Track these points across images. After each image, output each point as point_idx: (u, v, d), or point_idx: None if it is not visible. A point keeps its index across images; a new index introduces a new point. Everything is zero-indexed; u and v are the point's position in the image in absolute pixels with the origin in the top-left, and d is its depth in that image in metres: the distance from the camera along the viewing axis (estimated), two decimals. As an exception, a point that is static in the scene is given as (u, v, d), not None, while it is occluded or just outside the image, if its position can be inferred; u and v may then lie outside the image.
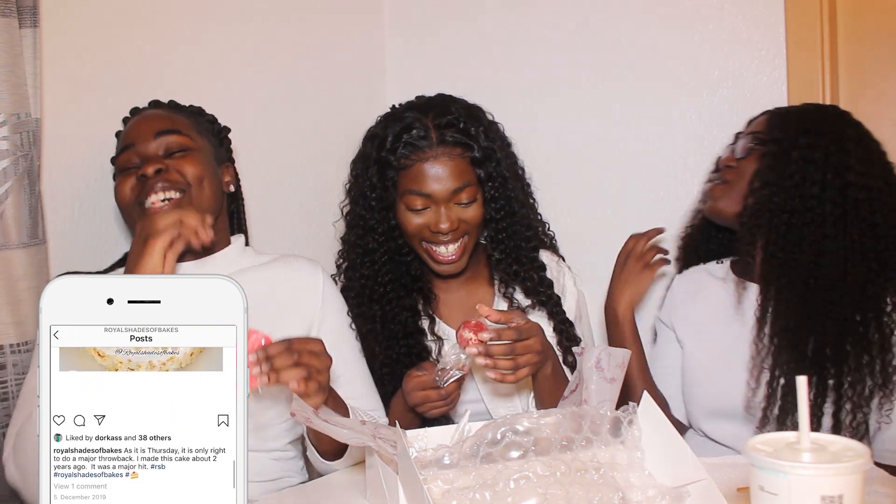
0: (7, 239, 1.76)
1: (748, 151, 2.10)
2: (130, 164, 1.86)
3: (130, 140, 1.89)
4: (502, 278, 2.25)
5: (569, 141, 2.80)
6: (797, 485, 1.00)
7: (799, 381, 1.08)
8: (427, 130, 2.09)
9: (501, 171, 2.14)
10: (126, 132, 1.93)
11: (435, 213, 2.09)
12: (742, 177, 2.09)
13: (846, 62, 2.54)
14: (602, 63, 2.77)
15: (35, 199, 1.82)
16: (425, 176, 2.07)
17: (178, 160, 1.87)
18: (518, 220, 2.20)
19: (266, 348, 1.43)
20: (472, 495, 1.28)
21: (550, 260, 2.31)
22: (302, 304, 1.96)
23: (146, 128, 1.90)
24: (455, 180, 2.08)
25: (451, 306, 2.26)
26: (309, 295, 1.98)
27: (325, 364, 1.50)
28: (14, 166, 1.76)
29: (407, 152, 2.08)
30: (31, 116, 1.79)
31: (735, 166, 2.12)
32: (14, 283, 1.77)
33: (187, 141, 1.91)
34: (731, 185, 2.12)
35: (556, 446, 1.38)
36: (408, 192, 2.09)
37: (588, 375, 1.73)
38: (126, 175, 1.86)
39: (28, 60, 1.78)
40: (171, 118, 1.94)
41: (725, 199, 2.13)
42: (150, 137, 1.88)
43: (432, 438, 1.49)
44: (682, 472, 1.32)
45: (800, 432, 1.06)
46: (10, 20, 1.71)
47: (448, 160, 2.08)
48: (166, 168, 1.84)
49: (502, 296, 2.24)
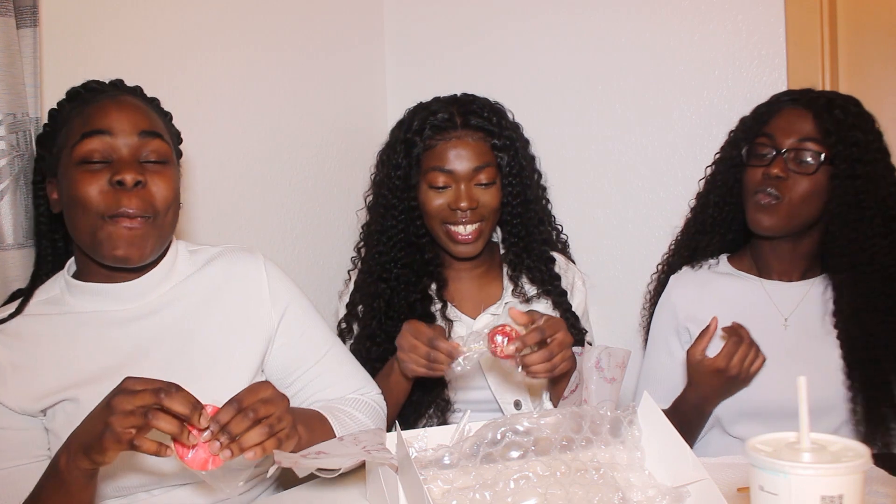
0: (3, 240, 1.76)
1: (801, 164, 2.06)
2: (100, 157, 1.60)
3: (104, 126, 1.61)
4: (511, 263, 2.31)
5: (567, 141, 2.80)
6: (797, 485, 1.00)
7: (799, 381, 1.08)
8: (452, 115, 2.22)
9: (519, 161, 2.25)
10: (95, 114, 1.62)
11: (455, 191, 2.18)
12: (795, 191, 2.06)
13: (846, 62, 2.55)
14: (601, 64, 2.77)
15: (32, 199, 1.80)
16: (448, 154, 2.18)
17: (154, 175, 1.63)
18: (532, 211, 2.30)
19: (216, 418, 1.35)
20: (472, 495, 1.28)
21: (560, 260, 2.37)
22: (252, 312, 1.79)
23: (126, 119, 1.63)
24: (476, 159, 2.18)
25: (463, 294, 2.31)
26: (256, 298, 1.80)
27: (282, 408, 1.42)
28: (10, 166, 1.75)
29: (432, 133, 2.21)
30: (30, 116, 1.78)
31: (786, 178, 2.06)
32: (8, 284, 1.76)
33: (167, 150, 1.68)
34: (783, 203, 2.07)
35: (556, 446, 1.38)
36: (431, 170, 2.19)
37: (588, 375, 1.73)
38: (92, 171, 1.59)
39: (27, 60, 1.77)
40: (150, 116, 1.69)
41: (777, 216, 2.08)
42: (131, 133, 1.63)
43: (432, 438, 1.49)
44: (682, 472, 1.32)
45: (800, 432, 1.06)
46: (7, 19, 1.70)
47: (471, 141, 2.19)
48: (144, 183, 1.61)
49: (512, 290, 2.28)
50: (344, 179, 2.84)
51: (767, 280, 2.19)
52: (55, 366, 1.59)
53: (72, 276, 1.70)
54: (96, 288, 1.67)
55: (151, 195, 1.61)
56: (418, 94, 2.36)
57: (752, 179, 2.12)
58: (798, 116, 2.10)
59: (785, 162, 2.06)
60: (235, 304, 1.77)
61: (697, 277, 2.27)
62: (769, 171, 2.07)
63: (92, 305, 1.67)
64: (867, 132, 2.08)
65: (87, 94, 1.68)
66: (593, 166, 2.79)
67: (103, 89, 1.69)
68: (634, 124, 2.71)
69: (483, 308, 2.26)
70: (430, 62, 3.03)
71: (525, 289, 2.29)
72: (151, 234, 1.63)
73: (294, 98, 2.65)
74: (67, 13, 1.96)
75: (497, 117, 2.25)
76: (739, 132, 2.24)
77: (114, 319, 1.66)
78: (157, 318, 1.69)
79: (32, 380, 1.57)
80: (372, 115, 3.02)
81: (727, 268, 2.26)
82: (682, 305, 2.24)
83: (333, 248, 2.71)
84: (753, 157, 2.14)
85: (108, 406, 1.31)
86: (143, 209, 1.59)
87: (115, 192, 1.58)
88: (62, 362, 1.60)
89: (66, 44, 1.96)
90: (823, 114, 2.07)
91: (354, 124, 2.91)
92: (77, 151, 1.59)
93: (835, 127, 2.05)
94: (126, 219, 1.58)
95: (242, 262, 1.83)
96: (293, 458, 1.38)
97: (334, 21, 2.83)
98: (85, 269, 1.69)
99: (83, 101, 1.66)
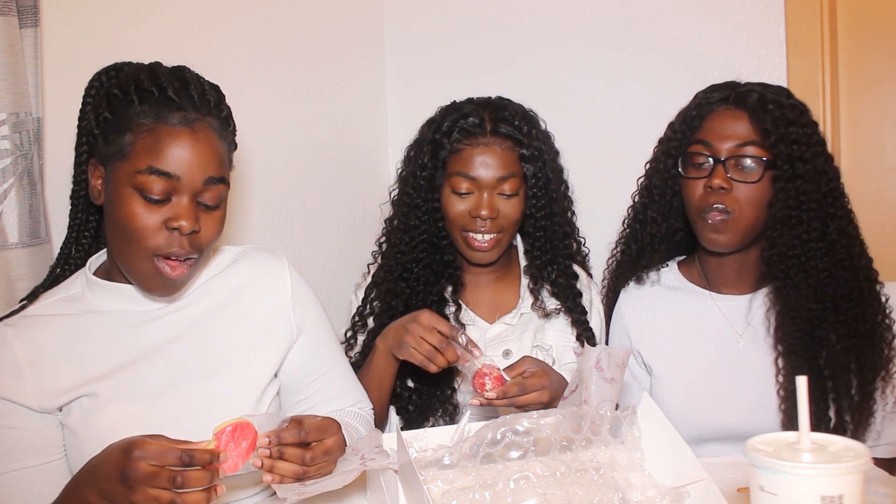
0: (6, 239, 1.75)
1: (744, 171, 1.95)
2: (160, 195, 1.53)
3: (173, 171, 1.53)
4: (533, 277, 2.28)
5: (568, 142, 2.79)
6: (797, 485, 1.00)
7: (799, 381, 1.08)
8: (483, 121, 2.17)
9: (546, 173, 2.21)
10: (167, 150, 1.54)
11: (477, 198, 2.14)
12: (743, 203, 1.95)
13: (846, 62, 2.55)
14: (601, 64, 2.78)
15: (36, 198, 1.80)
16: (474, 160, 2.14)
17: (207, 217, 1.60)
18: (556, 224, 2.26)
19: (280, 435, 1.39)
20: (472, 495, 1.28)
21: (583, 277, 2.34)
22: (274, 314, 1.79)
23: (197, 165, 1.55)
24: (502, 169, 2.14)
25: (479, 298, 2.29)
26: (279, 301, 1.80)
27: (331, 462, 1.47)
28: (13, 165, 1.75)
29: (460, 136, 2.16)
30: (32, 115, 1.78)
31: (729, 189, 1.95)
32: (12, 284, 1.76)
33: (225, 191, 1.63)
34: (734, 217, 1.96)
35: (555, 446, 1.38)
36: (455, 175, 2.16)
37: (588, 376, 1.73)
38: (148, 203, 1.53)
39: (29, 59, 1.77)
40: (219, 153, 1.61)
41: (731, 233, 1.97)
42: (198, 180, 1.55)
43: (432, 439, 1.49)
44: (681, 472, 1.32)
45: (800, 432, 1.06)
46: (9, 19, 1.70)
47: (498, 149, 2.15)
48: (199, 230, 1.57)
49: (530, 300, 2.26)
50: (343, 180, 2.84)
51: (718, 294, 2.10)
52: (73, 363, 1.59)
53: (94, 274, 1.68)
54: (120, 288, 1.66)
55: (200, 239, 1.59)
56: (418, 94, 2.36)
57: (695, 195, 2.00)
58: (732, 118, 1.98)
59: (726, 171, 1.95)
60: (258, 305, 1.78)
61: (647, 295, 2.18)
62: (711, 183, 1.95)
63: (114, 305, 1.66)
64: (804, 125, 1.97)
65: (161, 104, 1.56)
66: (592, 167, 2.78)
67: (180, 102, 1.57)
68: (634, 125, 2.71)
69: (498, 316, 2.24)
70: (430, 63, 3.03)
71: (545, 303, 2.25)
72: (193, 272, 1.64)
73: (294, 100, 2.65)
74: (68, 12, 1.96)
75: (528, 126, 2.20)
76: (671, 140, 2.11)
77: (135, 318, 1.66)
78: (178, 317, 1.70)
79: (50, 377, 1.57)
80: (372, 115, 3.02)
81: (678, 279, 2.17)
82: (634, 327, 2.17)
83: (334, 248, 2.71)
84: (691, 168, 2.02)
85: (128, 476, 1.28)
86: (191, 252, 1.58)
87: (167, 234, 1.55)
88: (80, 359, 1.60)
89: (68, 43, 1.95)
90: (759, 112, 1.95)
91: (354, 126, 2.92)
92: (138, 179, 1.53)
93: (773, 126, 1.94)
94: (173, 262, 1.57)
95: (266, 263, 1.83)
96: (295, 489, 1.39)
97: (334, 21, 2.83)
98: (114, 268, 1.66)
99: (157, 115, 1.55)
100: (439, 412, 2.14)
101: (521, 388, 1.87)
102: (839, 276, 1.96)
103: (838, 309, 1.95)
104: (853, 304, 1.96)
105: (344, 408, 1.89)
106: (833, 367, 1.94)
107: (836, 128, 2.55)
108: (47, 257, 1.84)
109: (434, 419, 2.14)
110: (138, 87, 1.57)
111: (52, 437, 1.58)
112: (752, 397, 1.98)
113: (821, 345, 1.95)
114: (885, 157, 2.56)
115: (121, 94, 1.57)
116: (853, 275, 1.97)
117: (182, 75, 1.62)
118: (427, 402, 2.14)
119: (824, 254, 1.95)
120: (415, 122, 2.32)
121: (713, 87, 2.08)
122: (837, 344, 1.94)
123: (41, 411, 1.56)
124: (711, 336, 2.06)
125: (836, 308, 1.95)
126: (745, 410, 1.98)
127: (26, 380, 1.55)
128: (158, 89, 1.57)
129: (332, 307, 2.43)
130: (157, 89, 1.57)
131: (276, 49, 2.58)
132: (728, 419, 1.98)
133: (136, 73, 1.61)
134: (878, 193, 2.52)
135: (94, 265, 1.71)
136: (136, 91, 1.57)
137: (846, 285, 1.96)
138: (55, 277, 1.71)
